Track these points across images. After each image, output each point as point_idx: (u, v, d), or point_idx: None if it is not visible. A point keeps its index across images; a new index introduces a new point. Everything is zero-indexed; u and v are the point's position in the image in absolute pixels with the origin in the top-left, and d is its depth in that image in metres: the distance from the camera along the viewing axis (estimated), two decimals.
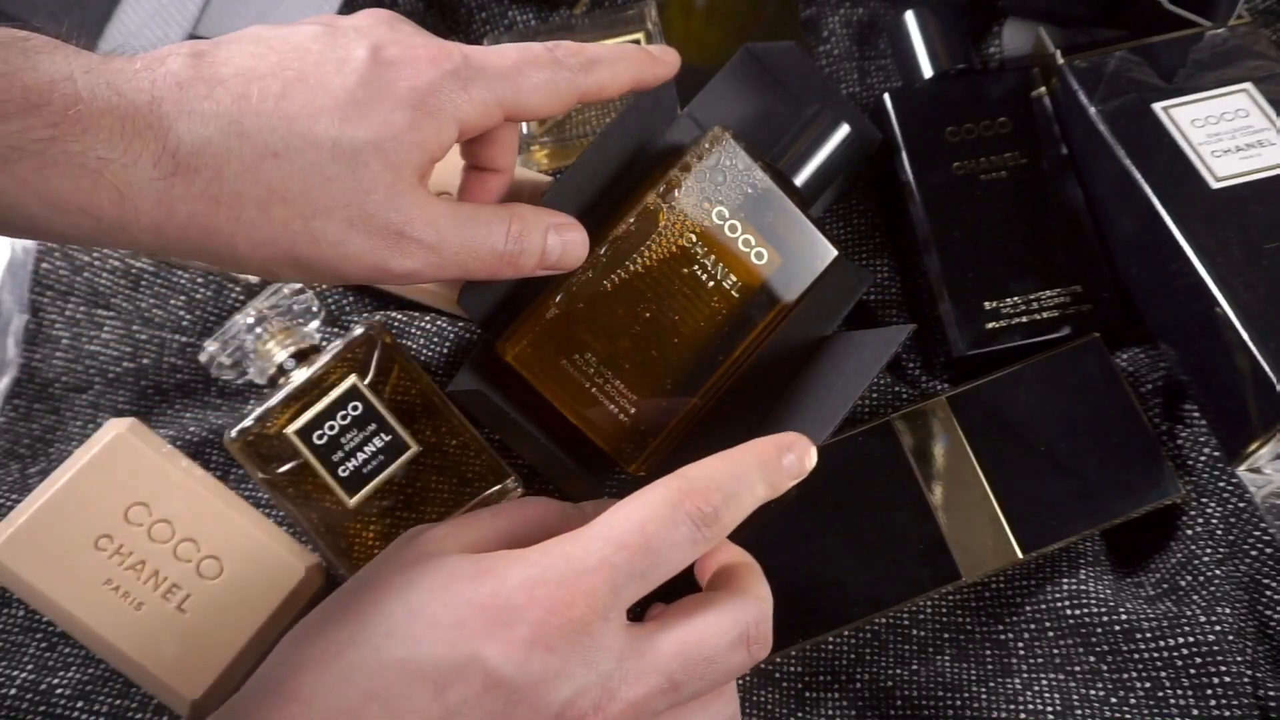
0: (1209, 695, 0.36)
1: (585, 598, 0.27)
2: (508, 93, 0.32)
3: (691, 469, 0.30)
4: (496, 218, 0.33)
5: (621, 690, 0.27)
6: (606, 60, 0.35)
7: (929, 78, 0.47)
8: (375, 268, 0.31)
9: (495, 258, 0.33)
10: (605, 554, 0.28)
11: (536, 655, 0.26)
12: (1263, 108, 0.42)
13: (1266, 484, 0.40)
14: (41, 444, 0.44)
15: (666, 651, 0.28)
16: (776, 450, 0.31)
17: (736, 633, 0.29)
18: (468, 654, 0.26)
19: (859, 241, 0.47)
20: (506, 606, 0.27)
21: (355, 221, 0.30)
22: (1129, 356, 0.43)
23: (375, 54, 0.30)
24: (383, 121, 0.30)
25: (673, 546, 0.28)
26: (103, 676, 0.40)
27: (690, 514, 0.28)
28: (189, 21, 0.49)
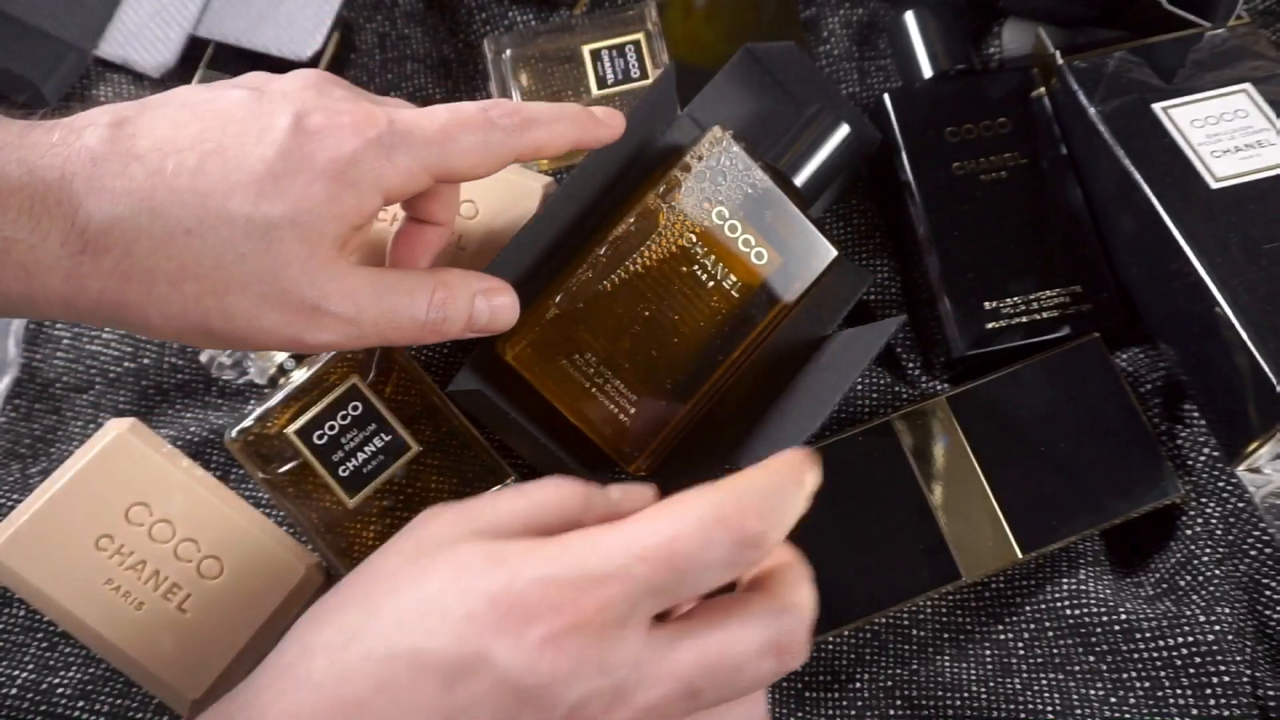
0: (1208, 695, 0.36)
1: (599, 606, 0.26)
2: (435, 158, 0.32)
3: (736, 482, 0.27)
4: (420, 286, 0.33)
5: (636, 695, 0.26)
6: (545, 120, 0.34)
7: (929, 78, 0.47)
8: (290, 340, 0.31)
9: (417, 327, 0.33)
10: (625, 564, 0.26)
11: (547, 657, 0.25)
12: (1262, 108, 0.42)
13: (1266, 484, 0.40)
14: (42, 444, 0.45)
15: (686, 659, 0.26)
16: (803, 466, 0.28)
17: (766, 641, 0.27)
18: (477, 651, 0.26)
19: (859, 241, 0.47)
20: (518, 604, 0.26)
21: (269, 297, 0.30)
22: (1129, 356, 0.43)
23: (297, 122, 0.30)
24: (299, 195, 0.29)
25: (704, 568, 0.26)
26: (103, 676, 0.40)
27: (734, 535, 0.26)
28: (189, 21, 0.49)
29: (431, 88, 0.51)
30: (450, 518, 0.30)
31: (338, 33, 0.49)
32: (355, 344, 0.32)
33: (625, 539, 0.26)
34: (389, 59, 0.51)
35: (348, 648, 0.27)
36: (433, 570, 0.28)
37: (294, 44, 0.47)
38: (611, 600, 0.26)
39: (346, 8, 0.49)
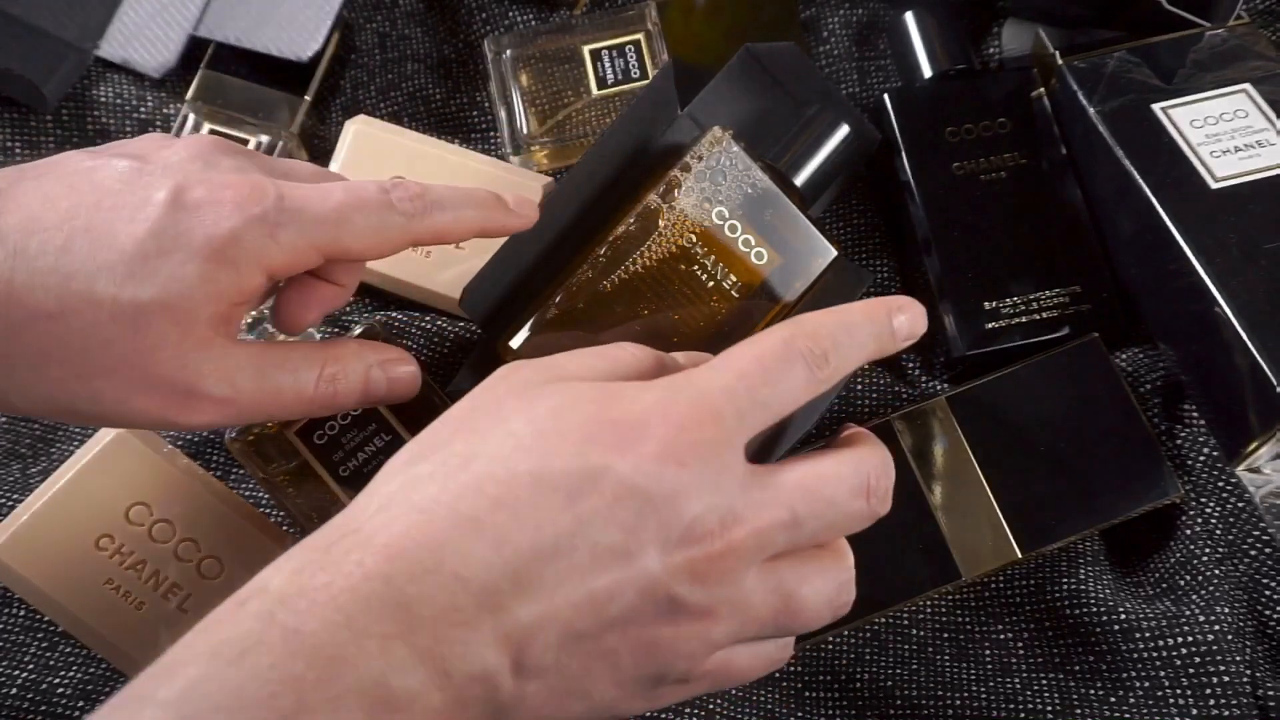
0: (1208, 695, 0.36)
1: (713, 418, 0.27)
2: (324, 237, 0.31)
3: (806, 316, 0.30)
4: (307, 363, 0.32)
5: (747, 514, 0.27)
6: (450, 205, 0.33)
7: (929, 78, 0.47)
8: (162, 423, 0.30)
9: (303, 403, 0.32)
10: (728, 380, 0.28)
11: (668, 469, 0.26)
12: (1262, 108, 0.42)
13: (1265, 484, 0.40)
14: (43, 444, 0.45)
15: (789, 485, 0.27)
16: (886, 310, 0.31)
17: (858, 480, 0.29)
18: (599, 465, 0.26)
19: (859, 241, 0.47)
20: (637, 423, 0.26)
21: (137, 382, 0.29)
22: (1128, 356, 0.43)
23: (175, 197, 0.29)
24: (169, 276, 0.28)
25: (790, 379, 0.28)
26: (104, 676, 0.40)
27: (803, 352, 0.28)
28: (189, 21, 0.49)
29: (431, 88, 0.51)
30: (535, 366, 0.30)
31: (338, 33, 0.49)
32: (235, 422, 0.31)
33: (722, 363, 0.28)
34: (389, 59, 0.51)
35: (461, 472, 0.26)
36: (542, 399, 0.28)
37: (294, 44, 0.47)
38: (721, 413, 0.27)
39: (346, 8, 0.49)
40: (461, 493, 0.26)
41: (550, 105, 0.47)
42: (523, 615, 0.25)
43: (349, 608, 0.24)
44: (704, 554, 0.26)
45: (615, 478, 0.26)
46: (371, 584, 0.24)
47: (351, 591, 0.24)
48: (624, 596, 0.25)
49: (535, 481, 0.26)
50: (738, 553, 0.26)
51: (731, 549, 0.26)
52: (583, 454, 0.26)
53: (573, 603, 0.25)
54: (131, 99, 0.49)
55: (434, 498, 0.26)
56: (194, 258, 0.29)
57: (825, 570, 0.29)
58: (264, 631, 0.23)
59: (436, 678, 0.24)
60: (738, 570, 0.27)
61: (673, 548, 0.26)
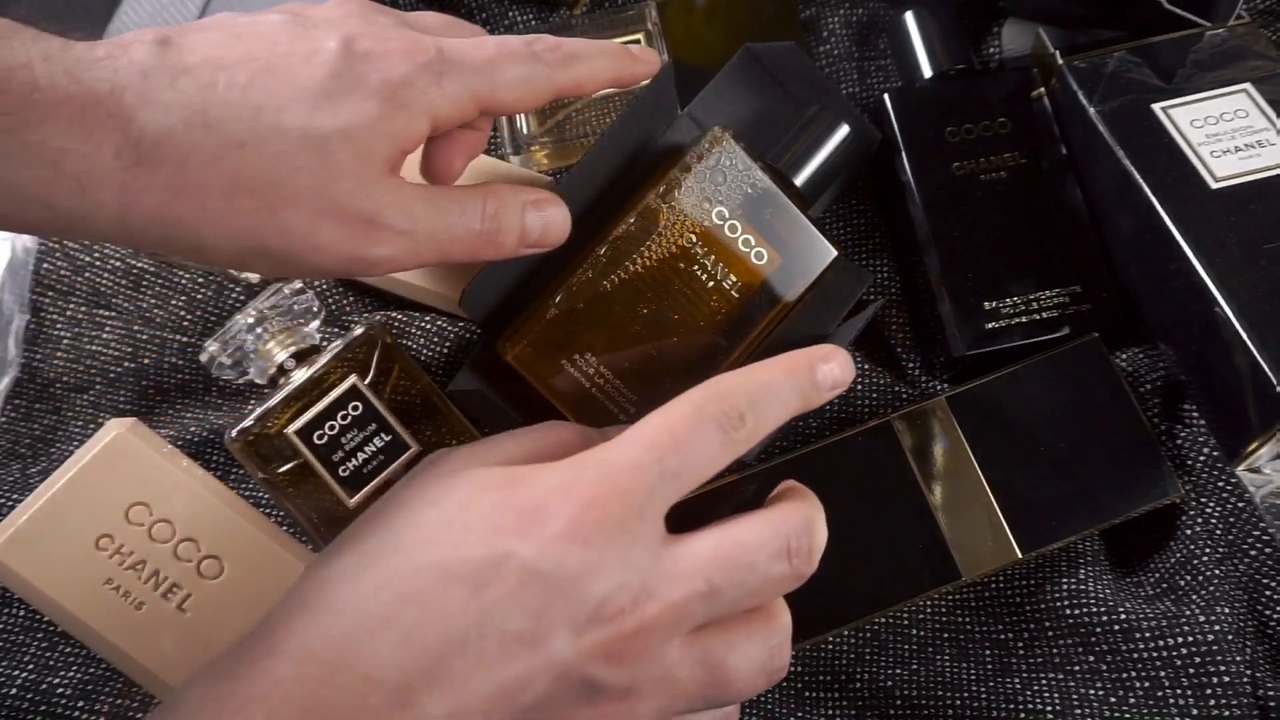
0: (1208, 695, 0.36)
1: (619, 496, 0.27)
2: (483, 87, 0.31)
3: (719, 378, 0.30)
4: (471, 197, 0.32)
5: (660, 589, 0.26)
6: (585, 56, 0.34)
7: (929, 78, 0.47)
8: (349, 257, 0.30)
9: (473, 238, 0.32)
10: (636, 455, 0.27)
11: (573, 549, 0.26)
12: (1262, 108, 0.42)
13: (1266, 484, 0.40)
14: (42, 444, 0.45)
15: (704, 555, 0.27)
16: (809, 362, 0.31)
17: (777, 543, 0.28)
18: (503, 552, 0.26)
19: (859, 241, 0.47)
20: (541, 507, 0.26)
21: (324, 211, 0.29)
22: (1128, 356, 0.43)
23: (347, 46, 0.30)
24: (352, 111, 0.29)
25: (702, 446, 0.28)
26: (103, 676, 0.40)
27: (715, 417, 0.28)
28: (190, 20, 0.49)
29: None
30: (453, 457, 0.30)
31: None
32: (412, 260, 0.31)
33: (631, 435, 0.28)
34: None
35: (369, 570, 0.26)
36: (451, 491, 0.28)
37: None
38: (628, 489, 0.27)
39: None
40: (370, 591, 0.26)
41: (550, 105, 0.47)
42: (435, 710, 0.25)
43: (259, 716, 0.24)
44: (616, 634, 0.26)
45: (518, 563, 0.26)
46: (282, 689, 0.24)
47: (262, 700, 0.24)
48: (536, 684, 0.25)
49: (441, 574, 0.26)
50: (653, 629, 0.26)
51: (646, 626, 0.26)
52: (487, 542, 0.26)
53: (484, 694, 0.25)
54: None
55: (343, 597, 0.26)
56: (372, 97, 0.29)
57: (754, 635, 0.29)
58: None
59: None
60: (656, 646, 0.26)
61: (583, 629, 0.26)
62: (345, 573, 0.27)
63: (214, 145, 0.28)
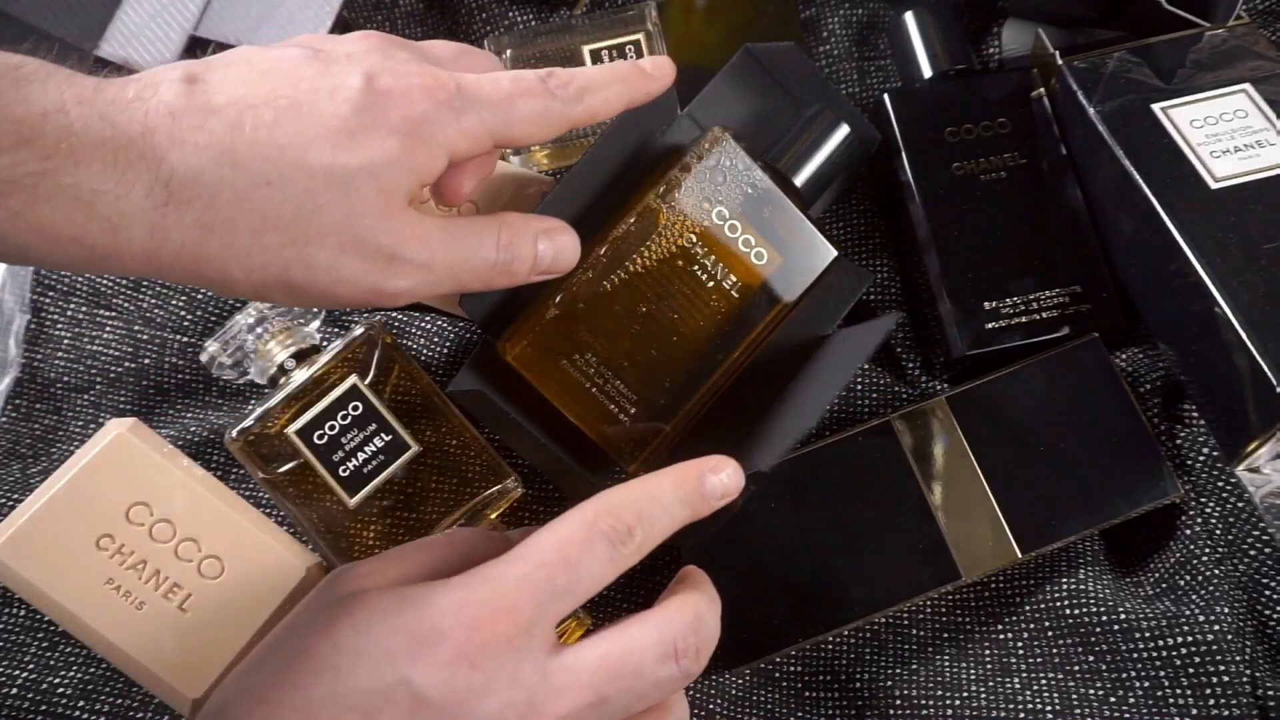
0: (1208, 694, 0.36)
1: (508, 614, 0.28)
2: (498, 123, 0.32)
3: (610, 492, 0.31)
4: (486, 228, 0.33)
5: (548, 704, 0.27)
6: (598, 87, 0.35)
7: (928, 78, 0.47)
8: (370, 290, 0.31)
9: (488, 268, 0.33)
10: (525, 573, 0.29)
11: (461, 672, 0.27)
12: (1261, 108, 0.42)
13: (1265, 484, 0.40)
14: (43, 444, 0.45)
15: (591, 665, 0.28)
16: (697, 474, 0.32)
17: (663, 646, 0.29)
18: (394, 679, 0.27)
19: (859, 241, 0.47)
20: (431, 630, 0.28)
21: (348, 246, 0.30)
22: (1128, 356, 0.43)
23: (369, 82, 0.30)
24: (375, 148, 0.30)
25: (591, 563, 0.29)
26: (104, 676, 0.40)
27: (605, 533, 0.29)
28: (189, 22, 0.49)
29: None
30: (358, 573, 0.31)
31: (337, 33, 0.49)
32: (430, 291, 0.32)
33: (521, 553, 0.29)
34: None
35: (263, 704, 0.27)
36: (344, 618, 0.29)
37: None
38: (517, 607, 0.28)
39: (346, 8, 0.49)
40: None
41: None
42: None
43: None
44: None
45: (409, 691, 0.27)
46: None
47: None
48: None
49: (333, 705, 0.27)
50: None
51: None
52: (378, 669, 0.27)
53: None
54: None
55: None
56: (394, 134, 0.30)
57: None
58: None
59: None
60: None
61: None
62: (242, 707, 0.28)
63: (242, 184, 0.28)
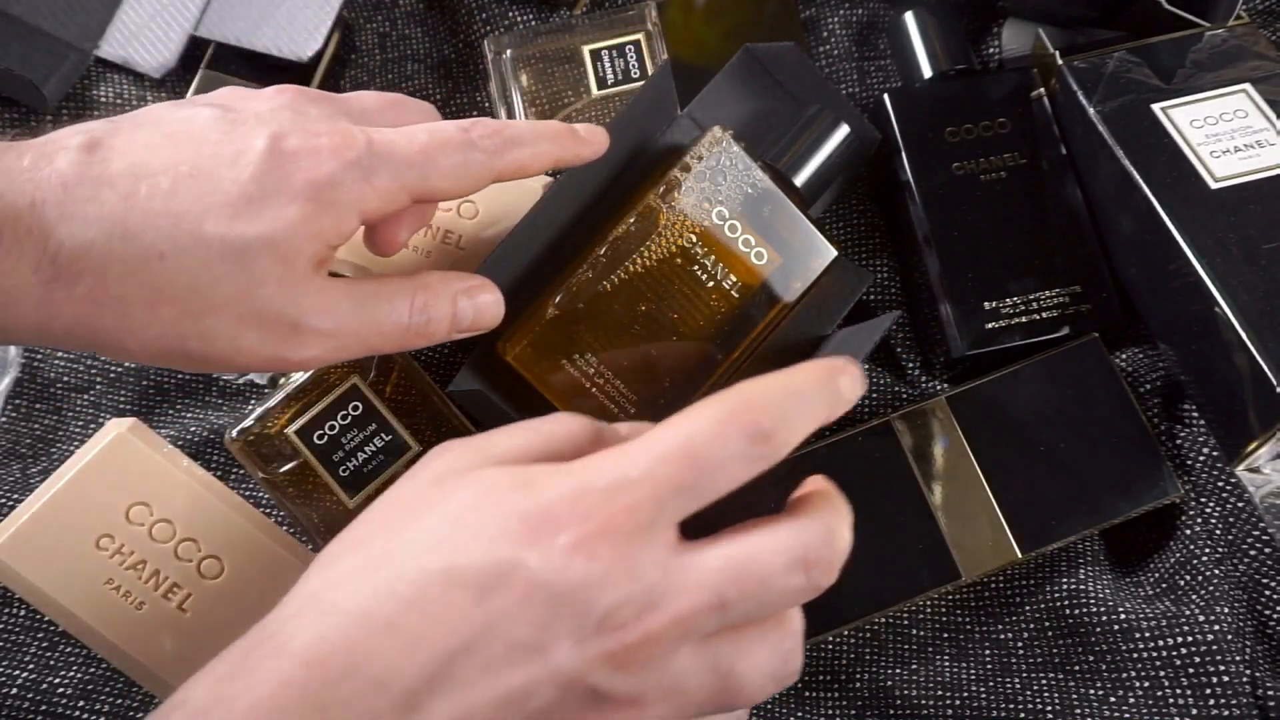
0: (1208, 695, 0.36)
1: (628, 508, 0.26)
2: (414, 179, 0.31)
3: (747, 385, 0.28)
4: (400, 292, 0.33)
5: (666, 601, 0.26)
6: (527, 140, 0.34)
7: (928, 78, 0.47)
8: (271, 359, 0.31)
9: (400, 332, 0.33)
10: (649, 466, 0.26)
11: (578, 562, 0.25)
12: (1261, 108, 0.42)
13: (1265, 484, 0.40)
14: (43, 444, 0.45)
15: (714, 566, 0.26)
16: (831, 373, 0.29)
17: (794, 554, 0.27)
18: (509, 561, 0.25)
19: (859, 241, 0.47)
20: (549, 516, 0.26)
21: (246, 317, 0.29)
22: (1128, 356, 0.43)
23: (273, 145, 0.30)
24: (275, 216, 0.29)
25: (724, 462, 0.26)
26: (104, 676, 0.40)
27: (745, 429, 0.26)
28: (189, 22, 0.49)
29: (431, 88, 0.51)
30: (462, 449, 0.30)
31: (338, 33, 0.49)
32: (339, 356, 0.32)
33: (644, 446, 0.27)
34: (389, 59, 0.51)
35: (374, 573, 0.26)
36: (457, 492, 0.28)
37: (294, 44, 0.47)
38: (639, 503, 0.26)
39: (346, 8, 0.49)
40: (374, 594, 0.26)
41: (550, 105, 0.47)
42: (439, 716, 0.25)
43: (266, 717, 0.24)
44: (621, 645, 0.26)
45: (525, 573, 0.25)
46: (288, 691, 0.24)
47: (268, 700, 0.24)
48: (541, 692, 0.25)
49: (446, 580, 0.26)
50: (659, 640, 0.26)
51: (651, 637, 0.26)
52: (493, 550, 0.26)
53: (489, 701, 0.25)
54: (131, 99, 0.49)
55: (348, 600, 0.26)
56: (296, 200, 0.29)
57: (766, 641, 0.28)
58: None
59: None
60: (663, 656, 0.26)
61: (587, 640, 0.25)
62: (350, 574, 0.27)
63: (134, 257, 0.28)
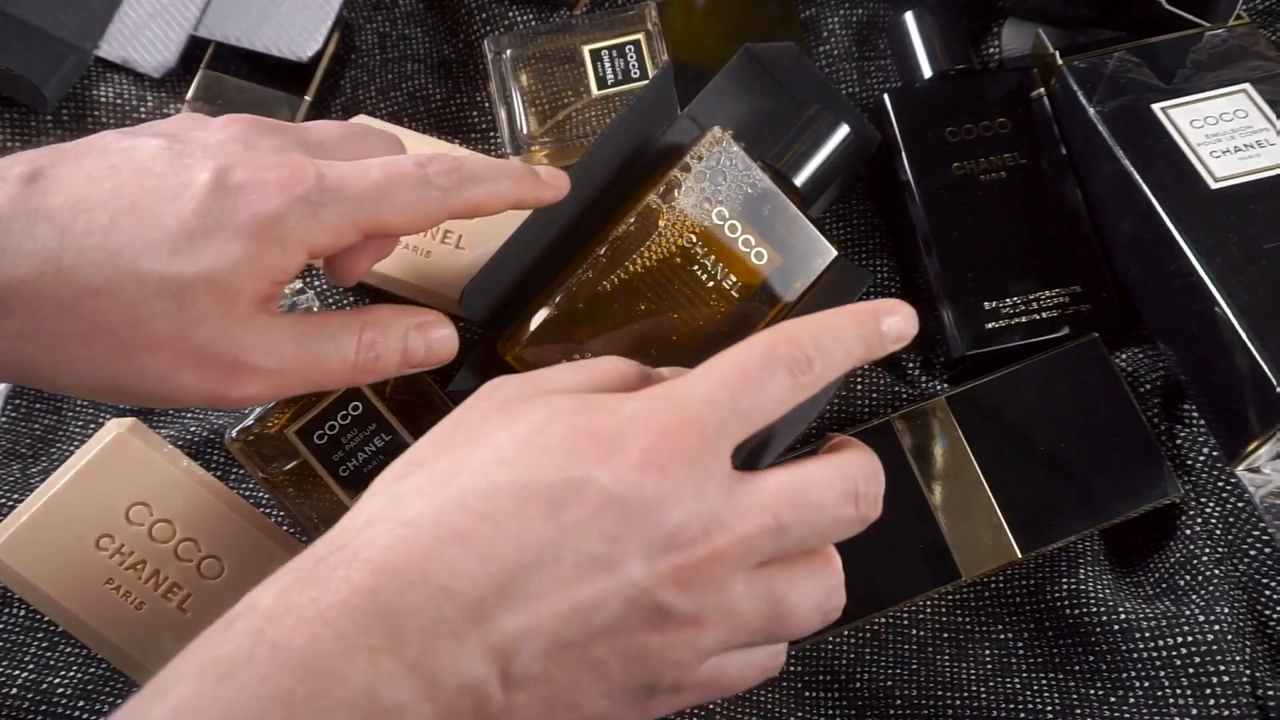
0: (1208, 694, 0.36)
1: (695, 426, 0.27)
2: (365, 214, 0.31)
3: (788, 323, 0.30)
4: (346, 329, 0.32)
5: (730, 521, 0.26)
6: (485, 177, 0.33)
7: (929, 78, 0.47)
8: (210, 397, 0.30)
9: (347, 368, 0.32)
10: (710, 388, 0.28)
11: (650, 477, 0.26)
12: (1261, 108, 0.42)
13: (1265, 484, 0.40)
14: (43, 444, 0.45)
15: (774, 491, 0.27)
16: (873, 313, 0.31)
17: (845, 486, 0.28)
18: (581, 476, 0.26)
19: (859, 241, 0.47)
20: (617, 434, 0.27)
21: (183, 355, 0.29)
22: (1128, 356, 0.43)
23: (219, 178, 0.29)
24: (216, 253, 0.29)
25: (772, 386, 0.28)
26: (104, 676, 0.40)
27: (785, 359, 0.28)
28: (189, 22, 0.49)
29: (431, 88, 0.51)
30: (521, 381, 0.30)
31: (338, 33, 0.49)
32: (282, 393, 0.32)
33: (704, 371, 0.28)
34: (389, 59, 0.51)
35: (444, 487, 0.26)
36: (525, 413, 0.28)
37: (294, 44, 0.47)
38: (703, 420, 0.27)
39: (346, 8, 0.49)
40: (445, 506, 0.26)
41: (550, 105, 0.47)
42: (509, 626, 0.25)
43: (336, 622, 0.24)
44: (688, 561, 0.26)
45: (597, 488, 0.26)
46: (358, 598, 0.24)
47: (339, 606, 0.24)
48: (609, 606, 0.25)
49: (518, 494, 0.26)
50: (722, 559, 0.26)
51: (716, 555, 0.26)
52: (564, 466, 0.26)
53: (558, 613, 0.25)
54: (131, 99, 0.49)
55: (419, 512, 0.26)
56: (239, 236, 0.29)
57: (815, 575, 0.29)
58: (253, 648, 0.23)
59: (425, 689, 0.24)
60: (724, 577, 0.27)
61: (656, 556, 0.26)
62: (420, 489, 0.27)
63: (68, 294, 0.28)
